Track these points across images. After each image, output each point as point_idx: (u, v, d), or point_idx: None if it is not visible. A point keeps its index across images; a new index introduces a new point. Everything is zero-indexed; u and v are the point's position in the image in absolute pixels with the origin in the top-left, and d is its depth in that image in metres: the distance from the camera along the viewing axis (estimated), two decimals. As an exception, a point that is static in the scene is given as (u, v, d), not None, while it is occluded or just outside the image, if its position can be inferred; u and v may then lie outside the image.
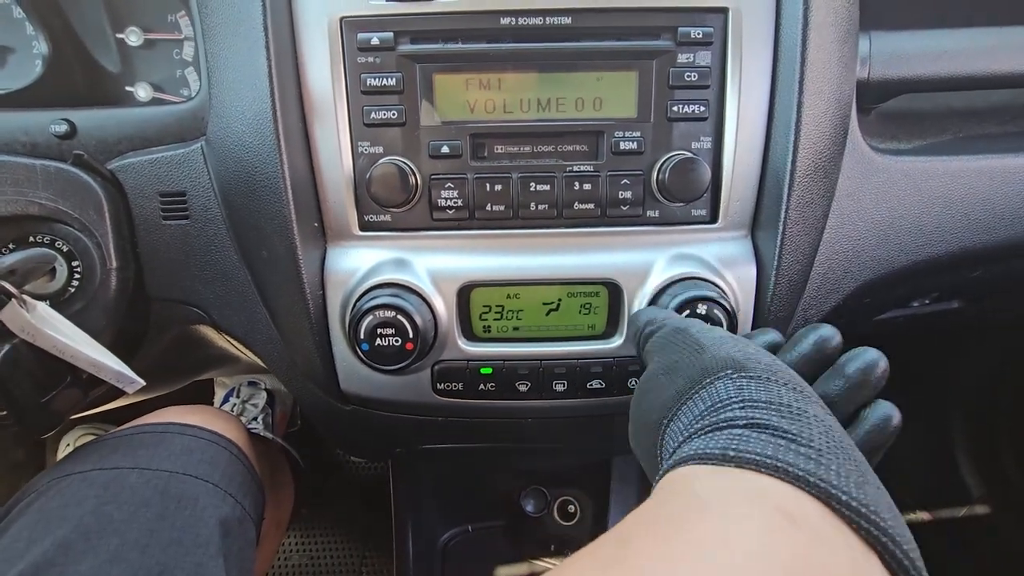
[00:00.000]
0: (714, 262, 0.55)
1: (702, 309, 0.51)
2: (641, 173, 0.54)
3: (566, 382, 0.57)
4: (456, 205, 0.54)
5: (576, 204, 0.55)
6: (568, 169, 0.54)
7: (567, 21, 0.52)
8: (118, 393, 0.62)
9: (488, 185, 0.54)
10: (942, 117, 0.64)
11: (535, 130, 0.54)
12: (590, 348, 0.57)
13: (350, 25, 0.51)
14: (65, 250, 0.56)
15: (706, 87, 0.53)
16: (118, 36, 0.67)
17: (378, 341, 0.52)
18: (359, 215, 0.55)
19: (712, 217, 0.55)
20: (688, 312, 0.51)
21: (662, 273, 0.54)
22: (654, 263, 0.55)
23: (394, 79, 0.52)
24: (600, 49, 0.52)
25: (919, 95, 0.61)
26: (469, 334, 0.57)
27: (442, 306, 0.55)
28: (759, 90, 0.53)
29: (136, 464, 0.55)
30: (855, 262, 0.57)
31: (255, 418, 1.21)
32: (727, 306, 0.51)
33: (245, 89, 0.51)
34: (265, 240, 0.53)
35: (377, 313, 0.51)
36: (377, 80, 0.52)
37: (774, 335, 0.45)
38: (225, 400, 1.27)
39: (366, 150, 0.53)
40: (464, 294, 0.55)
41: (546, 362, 0.57)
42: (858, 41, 0.55)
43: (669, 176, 0.52)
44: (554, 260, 0.56)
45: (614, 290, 0.56)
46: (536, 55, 0.52)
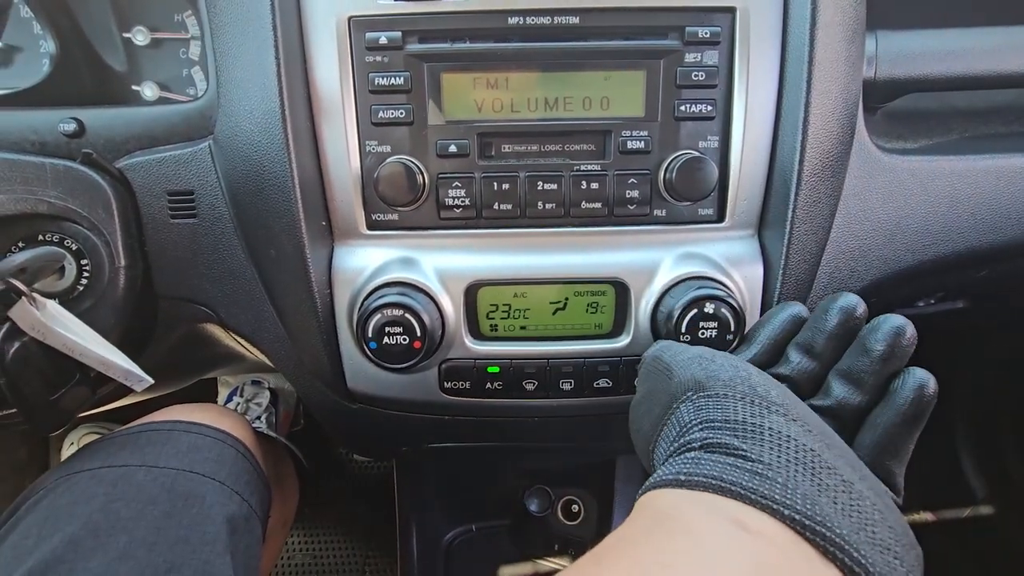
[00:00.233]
0: (721, 261, 0.55)
1: (709, 308, 0.51)
2: (648, 172, 0.54)
3: (573, 381, 0.57)
4: (463, 204, 0.54)
5: (583, 203, 0.55)
6: (575, 168, 0.54)
7: (575, 20, 0.52)
8: (125, 391, 0.62)
9: (495, 184, 0.54)
10: (948, 117, 0.64)
11: (542, 129, 0.54)
12: (597, 347, 0.57)
13: (358, 24, 0.52)
14: (74, 248, 0.56)
15: (713, 86, 0.53)
16: (125, 35, 0.67)
17: (386, 340, 0.52)
18: (367, 214, 0.55)
19: (719, 216, 0.56)
20: (695, 311, 0.51)
21: (669, 272, 0.54)
22: (661, 262, 0.55)
23: (402, 78, 0.52)
24: (607, 48, 0.52)
25: (925, 95, 0.61)
26: (476, 333, 0.57)
27: (449, 305, 0.55)
28: (766, 89, 0.53)
29: (144, 462, 0.55)
30: (862, 261, 0.57)
31: (258, 417, 1.21)
32: (734, 305, 0.51)
33: (254, 88, 0.51)
34: (273, 239, 0.54)
35: (385, 312, 0.51)
36: (385, 79, 0.52)
37: (798, 308, 0.46)
38: (229, 399, 1.27)
39: (374, 149, 0.53)
40: (471, 293, 0.56)
41: (553, 361, 0.57)
42: (865, 40, 0.55)
43: (676, 175, 0.52)
44: (561, 259, 0.56)
45: (621, 289, 0.56)
46: (543, 54, 0.52)
